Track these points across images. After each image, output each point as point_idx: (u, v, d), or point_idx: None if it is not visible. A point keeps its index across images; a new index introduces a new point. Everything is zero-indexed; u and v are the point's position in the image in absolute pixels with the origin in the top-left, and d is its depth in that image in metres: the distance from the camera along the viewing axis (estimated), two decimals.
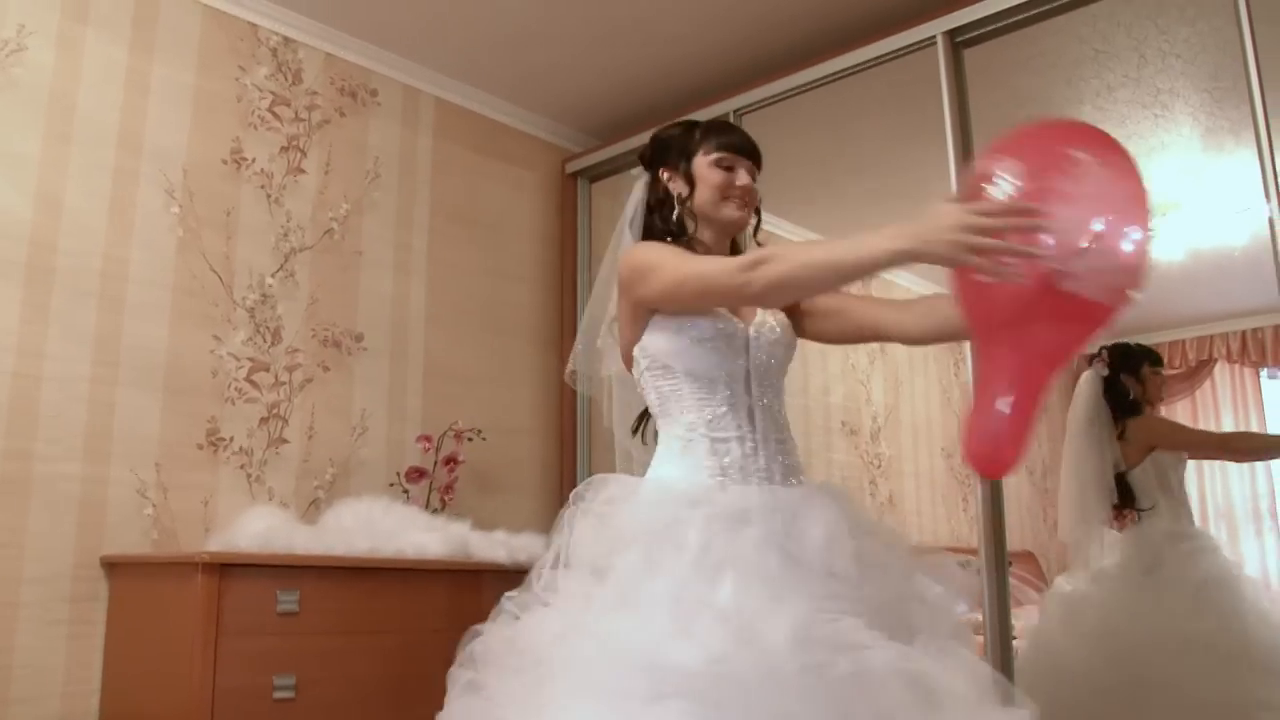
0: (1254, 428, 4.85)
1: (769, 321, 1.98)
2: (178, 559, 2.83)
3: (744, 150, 2.04)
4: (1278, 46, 2.77)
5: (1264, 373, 4.83)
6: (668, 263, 1.84)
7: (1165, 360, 3.95)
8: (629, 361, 1.99)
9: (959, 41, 3.29)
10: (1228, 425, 4.85)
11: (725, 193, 2.01)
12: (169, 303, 3.19)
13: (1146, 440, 3.71)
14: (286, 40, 3.63)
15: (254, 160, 3.47)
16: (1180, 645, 3.27)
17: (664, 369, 1.90)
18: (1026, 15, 3.18)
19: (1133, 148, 4.13)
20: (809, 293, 1.85)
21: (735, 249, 2.15)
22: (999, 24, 3.22)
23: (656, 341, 1.90)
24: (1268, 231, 2.65)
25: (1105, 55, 3.46)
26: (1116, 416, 3.79)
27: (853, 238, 1.60)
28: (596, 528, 1.77)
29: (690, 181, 2.03)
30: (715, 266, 1.80)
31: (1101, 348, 3.88)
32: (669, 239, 1.99)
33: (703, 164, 2.02)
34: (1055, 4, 3.11)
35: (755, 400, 1.90)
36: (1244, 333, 4.76)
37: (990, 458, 1.63)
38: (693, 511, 1.70)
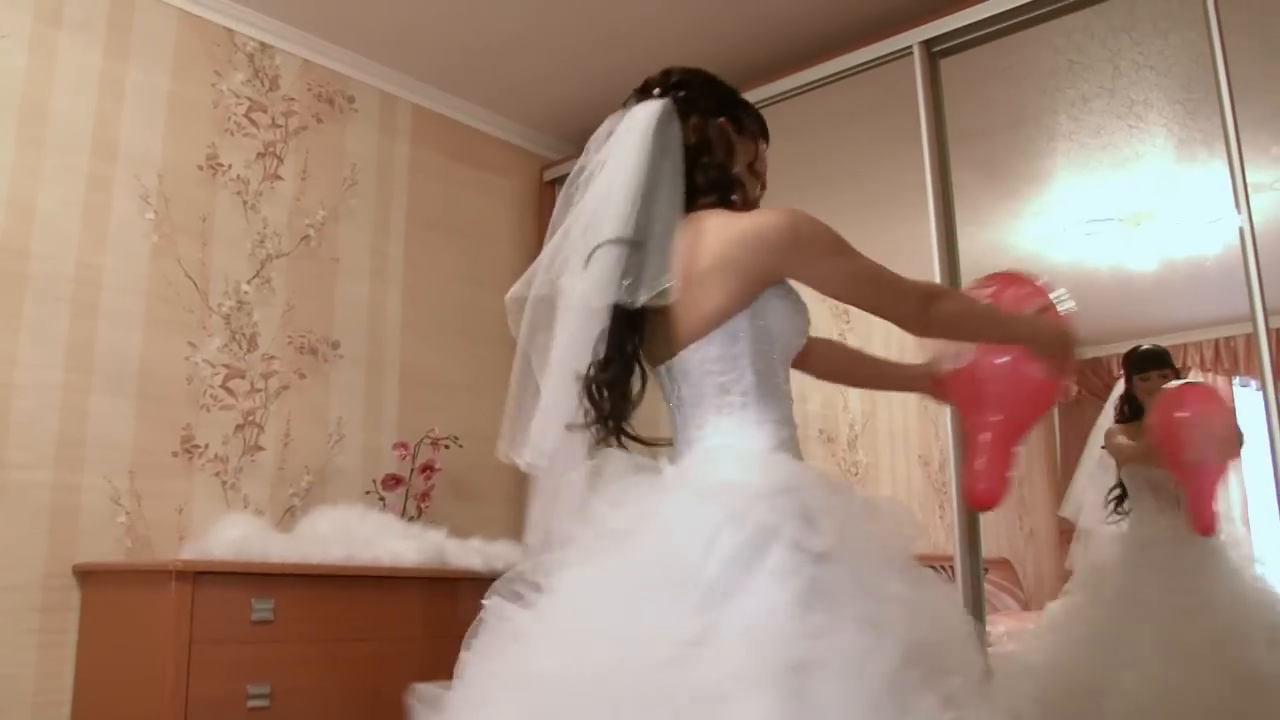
0: None
1: None
2: (151, 567, 2.81)
3: (764, 133, 1.93)
4: (1248, 59, 2.81)
5: (1237, 381, 4.87)
6: (852, 247, 1.69)
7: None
8: (704, 329, 1.67)
9: (935, 51, 3.31)
10: None
11: (762, 179, 1.90)
12: (143, 309, 3.17)
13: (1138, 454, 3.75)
14: (263, 46, 3.62)
15: (230, 166, 3.46)
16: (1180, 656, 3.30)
17: (769, 349, 1.67)
18: (1002, 26, 3.20)
19: (1107, 158, 4.19)
20: (957, 338, 1.96)
21: None
22: (975, 34, 3.25)
23: (777, 319, 1.68)
24: (1239, 241, 2.69)
25: (1080, 66, 3.49)
26: (1130, 418, 3.81)
27: (1000, 313, 1.98)
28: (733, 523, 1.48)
29: (755, 151, 1.88)
30: (900, 284, 1.70)
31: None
32: (706, 195, 1.76)
33: (759, 140, 1.90)
34: (1030, 15, 3.14)
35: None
36: (1217, 341, 4.81)
37: (989, 494, 2.13)
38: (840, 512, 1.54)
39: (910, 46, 3.31)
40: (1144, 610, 3.43)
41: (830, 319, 4.17)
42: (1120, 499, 3.78)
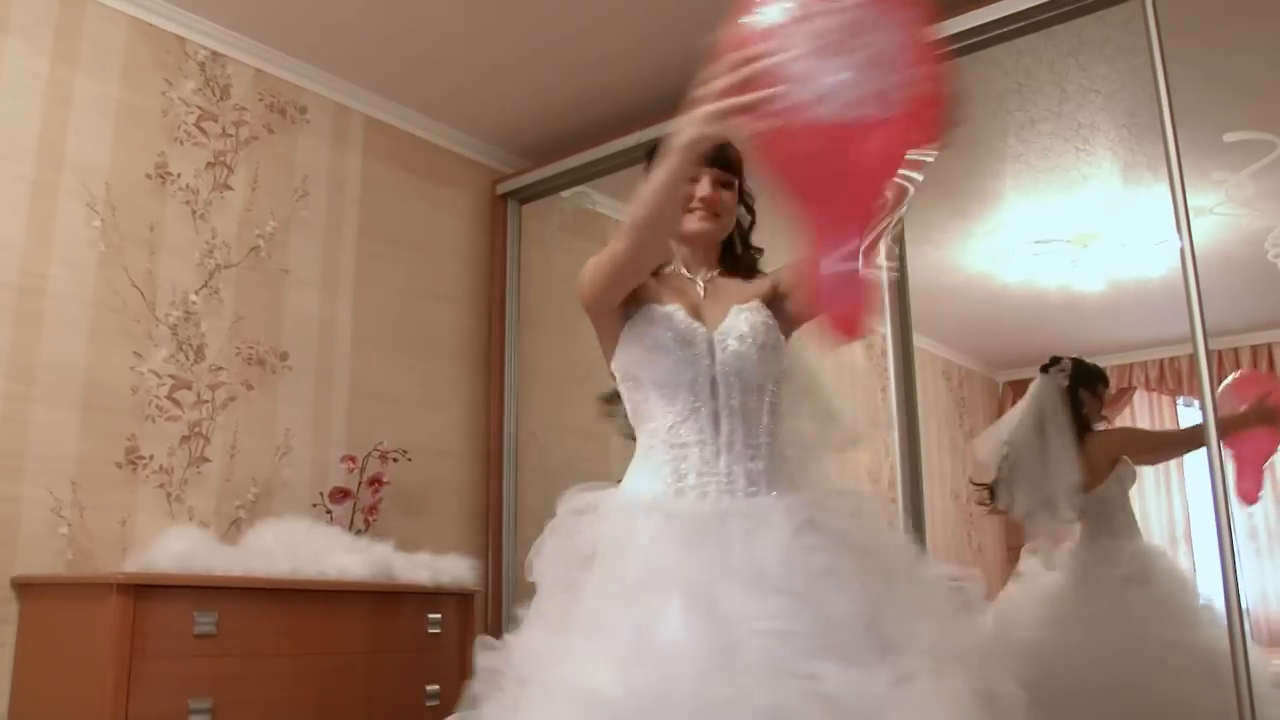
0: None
1: (738, 323, 1.90)
2: (92, 580, 2.76)
3: (715, 161, 1.96)
4: (1190, 86, 2.87)
5: (1180, 401, 4.95)
6: (588, 268, 1.87)
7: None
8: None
9: None
10: None
11: (686, 205, 1.96)
12: (89, 319, 3.13)
13: (1111, 453, 3.73)
14: (215, 55, 3.59)
15: (179, 175, 3.42)
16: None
17: (634, 381, 1.89)
18: (952, 48, 3.24)
19: (1055, 179, 4.24)
20: (660, 222, 1.72)
21: (736, 258, 2.10)
22: None
23: (626, 353, 1.89)
24: (1180, 264, 2.74)
25: (1029, 89, 3.55)
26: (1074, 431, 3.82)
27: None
28: (561, 543, 1.75)
29: None
30: (601, 255, 1.82)
31: (1063, 358, 3.93)
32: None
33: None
34: (980, 38, 3.19)
35: (722, 404, 1.83)
36: (1162, 361, 4.88)
37: (852, 318, 1.54)
38: (643, 523, 1.69)
39: None
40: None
41: None
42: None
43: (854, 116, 1.36)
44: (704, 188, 1.98)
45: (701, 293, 2.00)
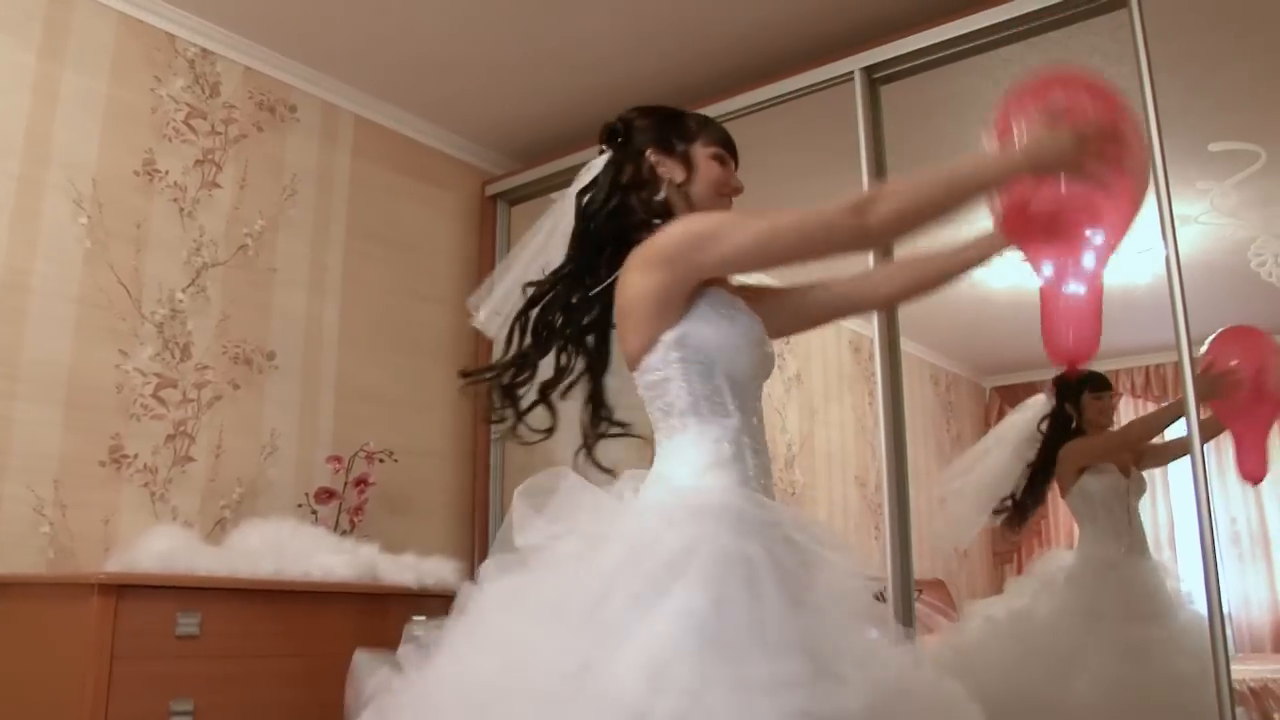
0: None
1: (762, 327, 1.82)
2: (73, 579, 2.74)
3: (735, 151, 1.94)
4: (1175, 95, 2.88)
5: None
6: (739, 221, 1.70)
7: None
8: (637, 359, 1.76)
9: (876, 78, 3.36)
10: None
11: (722, 189, 1.89)
12: (74, 316, 3.11)
13: (1073, 462, 3.75)
14: (205, 52, 3.58)
15: (167, 173, 3.41)
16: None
17: (705, 366, 1.70)
18: (942, 55, 3.26)
19: None
20: (926, 225, 1.69)
21: None
22: (915, 62, 3.31)
23: (703, 333, 1.70)
24: (1165, 272, 2.75)
25: None
26: (1055, 445, 3.80)
27: (959, 164, 1.69)
28: (624, 553, 1.52)
29: (688, 168, 1.89)
30: (814, 215, 1.65)
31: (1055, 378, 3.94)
32: (647, 224, 1.81)
33: (702, 154, 1.90)
34: (969, 45, 3.21)
35: (757, 410, 1.77)
36: (1148, 368, 4.91)
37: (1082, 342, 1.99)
38: (771, 532, 1.55)
39: (851, 72, 3.36)
40: (1100, 624, 3.46)
41: None
42: (1022, 508, 3.82)
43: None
44: (737, 178, 1.93)
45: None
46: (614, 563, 1.51)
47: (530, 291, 1.86)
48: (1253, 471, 3.41)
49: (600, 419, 1.85)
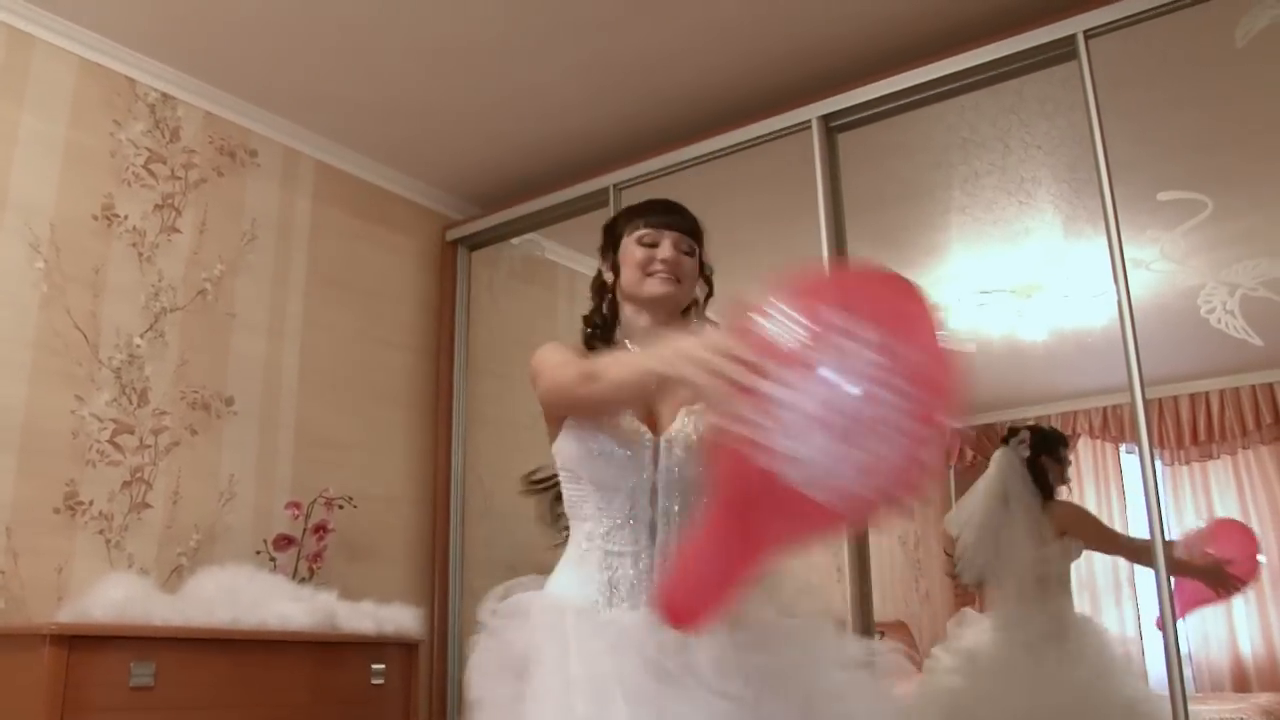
0: (1114, 500, 5.04)
1: (685, 428, 1.82)
2: (23, 630, 2.69)
3: (667, 223, 1.96)
4: (1126, 143, 2.94)
5: (1123, 448, 5.04)
6: (548, 368, 1.83)
7: None
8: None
9: (833, 126, 3.41)
10: (1090, 498, 5.05)
11: (646, 269, 1.92)
12: (29, 360, 3.08)
13: (1059, 526, 3.78)
14: (165, 96, 3.57)
15: (126, 217, 3.39)
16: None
17: (572, 474, 1.85)
18: (898, 104, 3.32)
19: (999, 232, 4.32)
20: (624, 405, 1.77)
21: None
22: (872, 111, 3.37)
23: (566, 447, 1.84)
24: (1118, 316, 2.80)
25: (973, 144, 3.62)
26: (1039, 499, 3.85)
27: (640, 354, 1.62)
28: (493, 652, 1.72)
29: (616, 267, 1.99)
30: (564, 377, 1.75)
31: (1021, 429, 3.97)
32: (597, 328, 2.01)
33: (628, 244, 1.96)
34: (925, 94, 3.27)
35: (661, 513, 1.79)
36: (1105, 409, 4.98)
37: (686, 610, 1.43)
38: (574, 631, 1.66)
39: (809, 121, 3.41)
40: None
41: None
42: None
43: (814, 494, 1.23)
44: (665, 250, 1.92)
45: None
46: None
47: None
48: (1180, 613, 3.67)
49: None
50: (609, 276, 2.02)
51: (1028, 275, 4.41)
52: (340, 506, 3.65)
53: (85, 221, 3.29)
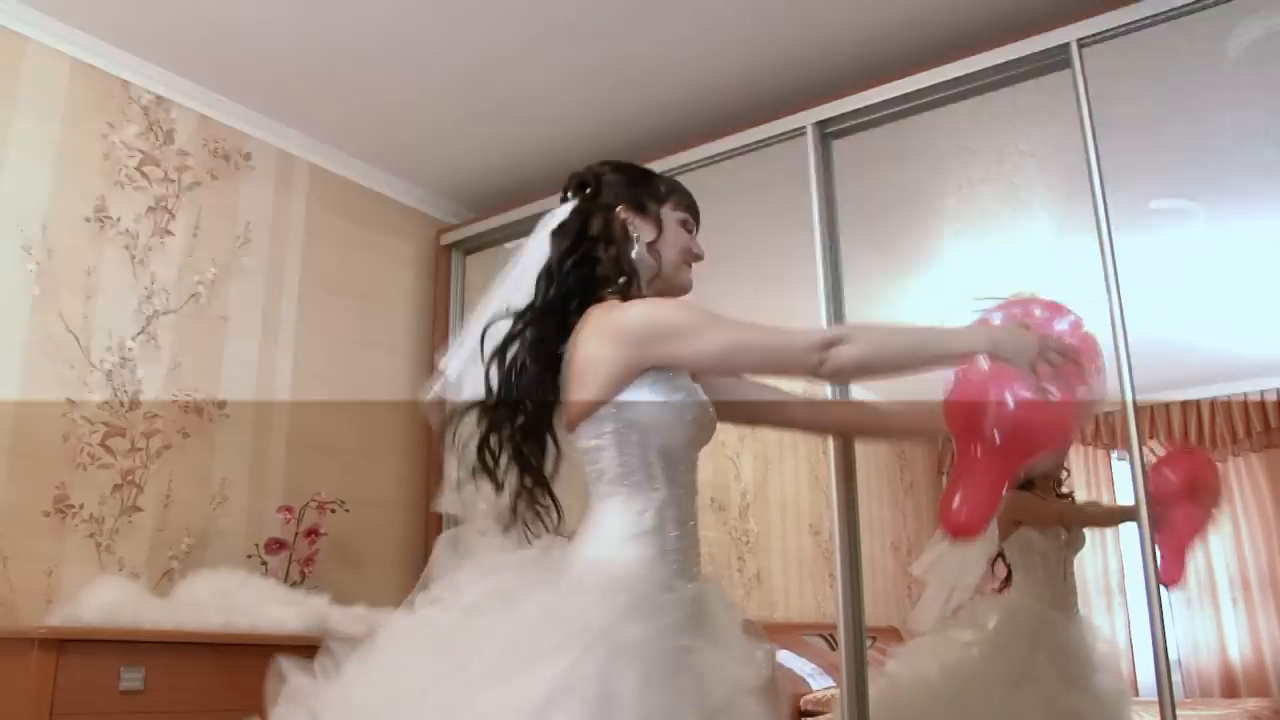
0: None
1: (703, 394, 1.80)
2: (11, 634, 2.68)
3: (699, 219, 1.96)
4: (1118, 152, 2.95)
5: (1114, 455, 5.05)
6: (708, 324, 1.72)
7: None
8: (575, 421, 1.75)
9: (828, 133, 3.42)
10: None
11: (687, 257, 1.91)
12: (19, 363, 3.07)
13: (1013, 515, 3.80)
14: (159, 99, 3.57)
15: (119, 219, 3.39)
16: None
17: (640, 437, 1.70)
18: (893, 110, 3.33)
19: (993, 239, 4.33)
20: (882, 376, 1.85)
21: None
22: (867, 117, 3.37)
23: (641, 407, 1.69)
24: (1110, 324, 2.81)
25: (967, 151, 3.63)
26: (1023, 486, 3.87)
27: (932, 328, 1.87)
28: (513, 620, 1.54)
29: (659, 228, 1.89)
30: (783, 340, 1.74)
31: None
32: (611, 282, 1.83)
33: (671, 218, 1.91)
34: (920, 101, 3.28)
35: (688, 480, 1.77)
36: (1097, 417, 4.98)
37: (966, 525, 1.98)
38: (667, 607, 1.57)
39: (804, 127, 3.42)
40: (1031, 687, 3.49)
41: None
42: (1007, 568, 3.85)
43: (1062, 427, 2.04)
44: (699, 245, 1.94)
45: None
46: (517, 622, 1.53)
47: (499, 330, 1.81)
48: (1172, 576, 3.58)
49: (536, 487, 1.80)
50: (648, 232, 1.89)
51: (1021, 282, 4.41)
52: (332, 510, 3.65)
53: (78, 223, 3.28)
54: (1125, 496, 4.34)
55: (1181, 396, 4.92)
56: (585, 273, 1.83)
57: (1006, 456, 1.97)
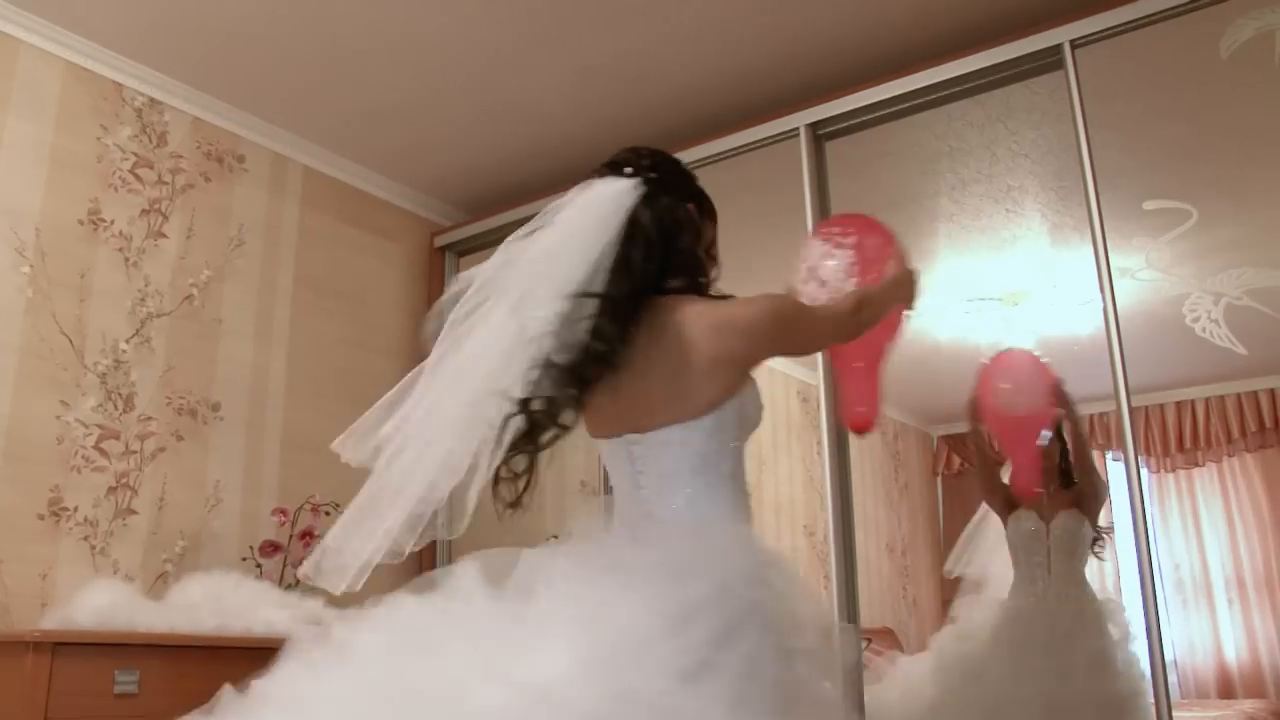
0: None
1: None
2: (5, 637, 2.67)
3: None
4: (1112, 152, 2.96)
5: (1109, 455, 5.04)
6: (815, 314, 1.92)
7: None
8: (687, 416, 1.70)
9: (821, 134, 3.43)
10: None
11: (712, 255, 1.89)
12: (13, 366, 3.06)
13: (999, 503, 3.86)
14: (153, 101, 3.57)
15: (113, 222, 3.38)
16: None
17: (744, 431, 1.75)
18: (886, 112, 3.34)
19: (986, 240, 4.33)
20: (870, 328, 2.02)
21: None
22: (859, 119, 3.38)
23: (747, 407, 1.74)
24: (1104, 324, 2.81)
25: (960, 152, 3.63)
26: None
27: (881, 288, 2.07)
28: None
29: (712, 232, 1.89)
30: (837, 314, 1.92)
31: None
32: (685, 272, 1.79)
33: (709, 228, 1.89)
34: (912, 102, 3.29)
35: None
36: (1091, 417, 4.97)
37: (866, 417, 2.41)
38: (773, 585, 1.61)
39: (797, 128, 3.43)
40: (1028, 683, 3.49)
41: None
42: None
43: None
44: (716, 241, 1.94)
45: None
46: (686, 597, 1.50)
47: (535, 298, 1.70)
48: (1027, 485, 3.64)
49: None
50: (708, 235, 1.88)
51: (1014, 283, 4.41)
52: (327, 513, 3.64)
53: (71, 226, 3.27)
54: (1119, 497, 4.35)
55: (1175, 397, 4.93)
56: (663, 263, 1.75)
57: (866, 354, 2.40)
